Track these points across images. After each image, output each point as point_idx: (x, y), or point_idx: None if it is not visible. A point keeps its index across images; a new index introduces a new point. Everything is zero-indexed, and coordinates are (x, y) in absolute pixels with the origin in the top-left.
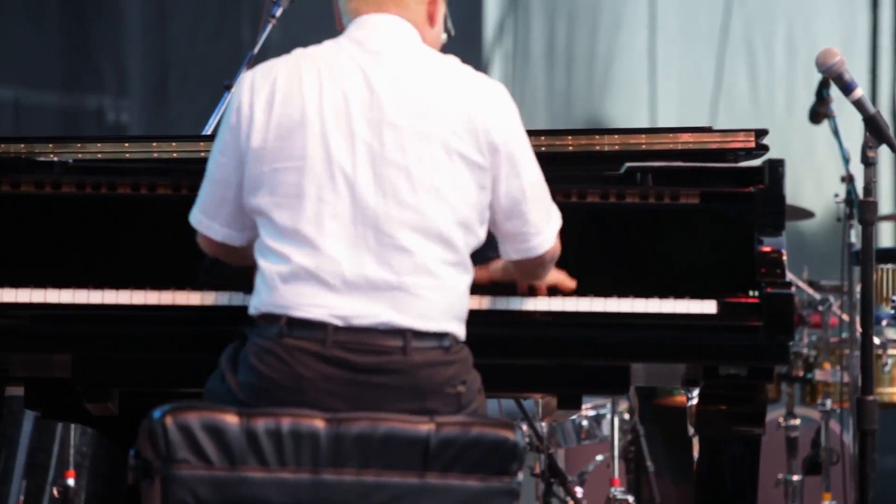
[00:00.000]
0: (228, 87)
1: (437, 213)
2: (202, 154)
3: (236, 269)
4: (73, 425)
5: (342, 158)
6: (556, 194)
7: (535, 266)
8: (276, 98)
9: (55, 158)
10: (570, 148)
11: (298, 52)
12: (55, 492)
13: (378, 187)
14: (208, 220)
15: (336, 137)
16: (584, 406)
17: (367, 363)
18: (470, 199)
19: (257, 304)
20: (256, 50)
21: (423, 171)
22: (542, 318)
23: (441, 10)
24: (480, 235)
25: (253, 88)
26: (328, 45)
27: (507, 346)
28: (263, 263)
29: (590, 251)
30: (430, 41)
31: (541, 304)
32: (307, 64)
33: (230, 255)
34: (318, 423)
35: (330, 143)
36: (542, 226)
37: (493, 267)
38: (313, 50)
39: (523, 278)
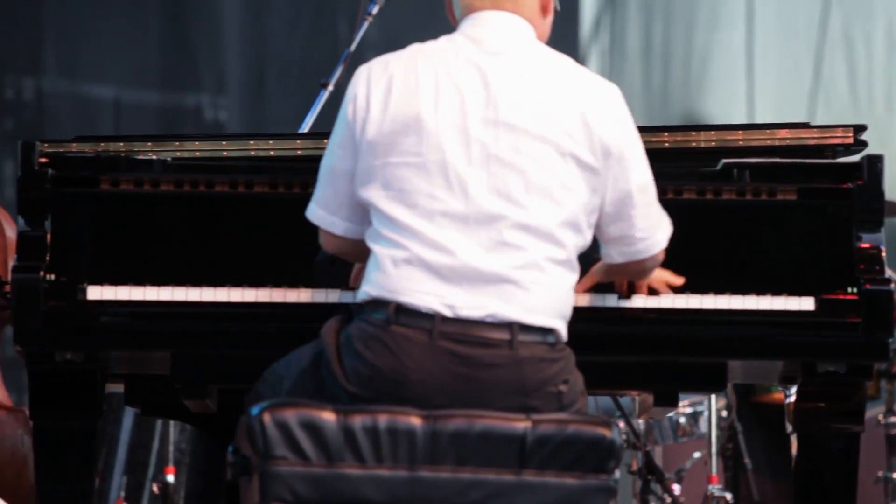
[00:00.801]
0: (325, 85)
1: (547, 214)
2: (298, 152)
3: (343, 266)
4: (172, 422)
5: (456, 157)
6: None
7: (635, 271)
8: (392, 93)
9: (154, 157)
10: (667, 144)
11: (415, 48)
12: (155, 488)
13: (491, 187)
14: (329, 215)
15: (451, 136)
16: (681, 403)
17: (473, 355)
18: (581, 200)
19: (367, 288)
20: (353, 48)
21: (537, 171)
22: (639, 316)
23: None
24: (588, 236)
25: (370, 81)
26: (444, 42)
27: (604, 343)
28: (376, 247)
29: (686, 248)
30: (542, 32)
31: (638, 301)
32: (424, 60)
33: (351, 249)
34: (415, 421)
35: (444, 141)
36: (650, 230)
37: (596, 270)
38: (430, 46)
39: (624, 277)
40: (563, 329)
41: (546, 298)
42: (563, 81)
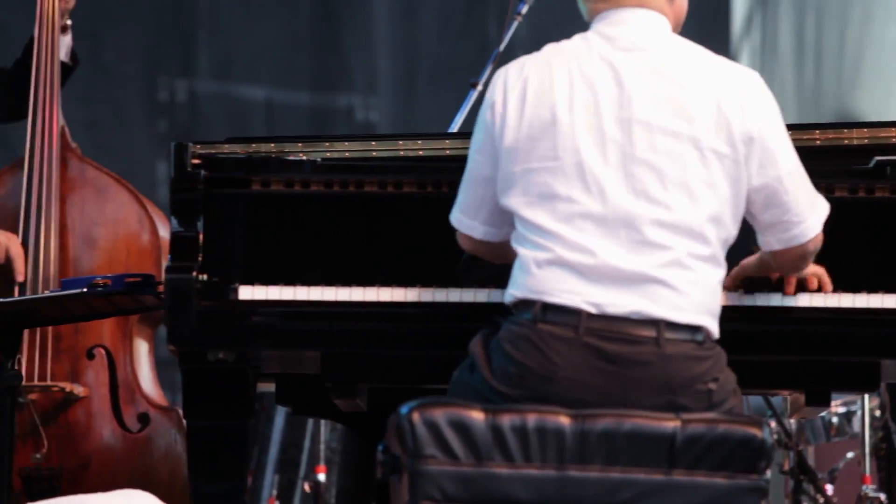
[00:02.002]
0: (474, 85)
1: (688, 210)
2: (447, 152)
3: (486, 266)
4: (323, 421)
5: (592, 159)
6: None
7: (796, 257)
8: (527, 97)
9: (304, 157)
10: (819, 142)
11: (549, 49)
12: (306, 486)
13: (629, 187)
14: (469, 219)
15: (586, 138)
16: (833, 403)
17: (620, 352)
18: (722, 193)
19: (513, 290)
20: (502, 47)
21: (674, 168)
22: (790, 315)
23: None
24: (732, 230)
25: (506, 86)
26: (577, 41)
27: (756, 342)
28: (521, 250)
29: (838, 246)
30: (677, 13)
31: (788, 300)
32: (558, 61)
33: (491, 252)
34: (564, 420)
35: (580, 143)
36: (805, 214)
37: (747, 263)
38: (563, 46)
39: (782, 270)
40: (712, 326)
41: (693, 296)
42: (698, 73)
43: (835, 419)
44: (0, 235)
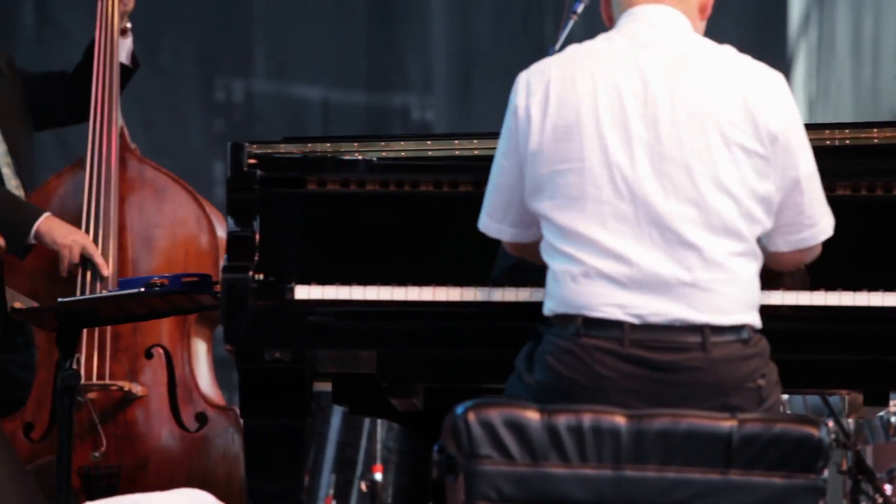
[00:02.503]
0: None
1: (720, 206)
2: None
3: (536, 266)
4: (379, 420)
5: (620, 158)
6: (859, 188)
7: (796, 261)
8: (550, 99)
9: (360, 157)
10: (876, 141)
11: (572, 49)
12: (363, 486)
13: (658, 184)
14: (496, 223)
15: (612, 137)
16: (892, 402)
17: (667, 361)
18: (750, 188)
19: (551, 305)
20: (558, 46)
21: (703, 164)
22: (848, 314)
23: (711, 2)
24: (766, 224)
25: (529, 90)
26: (601, 41)
27: (813, 341)
28: (551, 263)
29: (894, 245)
30: (697, 32)
31: (845, 298)
32: (581, 62)
33: (526, 252)
34: (619, 420)
35: (607, 143)
36: (817, 217)
37: None
38: (587, 46)
39: (780, 269)
40: (754, 320)
41: (733, 296)
42: (723, 71)
43: (893, 419)
44: (75, 235)
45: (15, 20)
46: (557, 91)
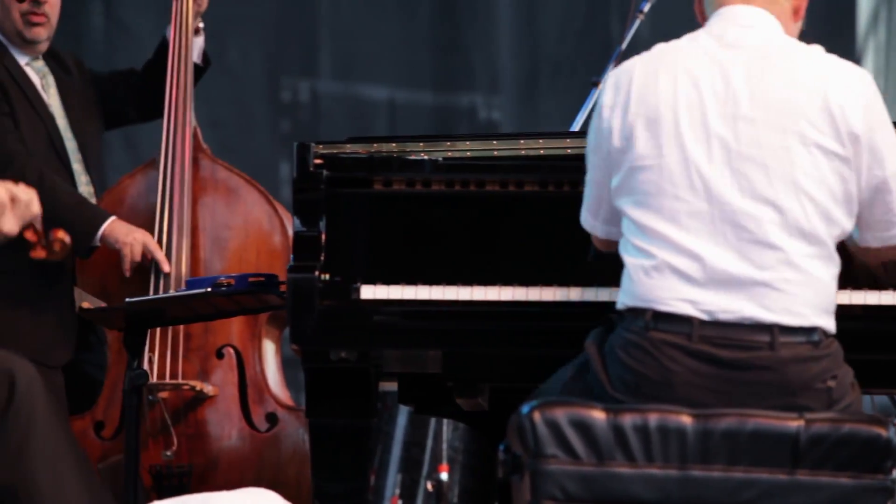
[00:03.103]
0: (595, 84)
1: (796, 207)
2: (568, 150)
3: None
4: (445, 420)
5: (697, 156)
6: None
7: (886, 257)
8: (632, 96)
9: (426, 157)
10: None
11: (658, 49)
12: (429, 485)
13: (735, 184)
14: (592, 219)
15: (690, 135)
16: None
17: (734, 358)
18: (829, 190)
19: (623, 298)
20: (624, 46)
21: (780, 164)
22: None
23: (805, 3)
24: (847, 226)
25: (615, 87)
26: (686, 40)
27: (881, 341)
28: (627, 258)
29: None
30: (790, 34)
31: None
32: (664, 60)
33: (613, 250)
34: (685, 419)
35: (685, 140)
36: None
37: None
38: (672, 45)
39: (864, 265)
40: (828, 324)
41: (806, 298)
42: (807, 71)
43: None
44: (137, 233)
45: (84, 22)
46: (640, 88)
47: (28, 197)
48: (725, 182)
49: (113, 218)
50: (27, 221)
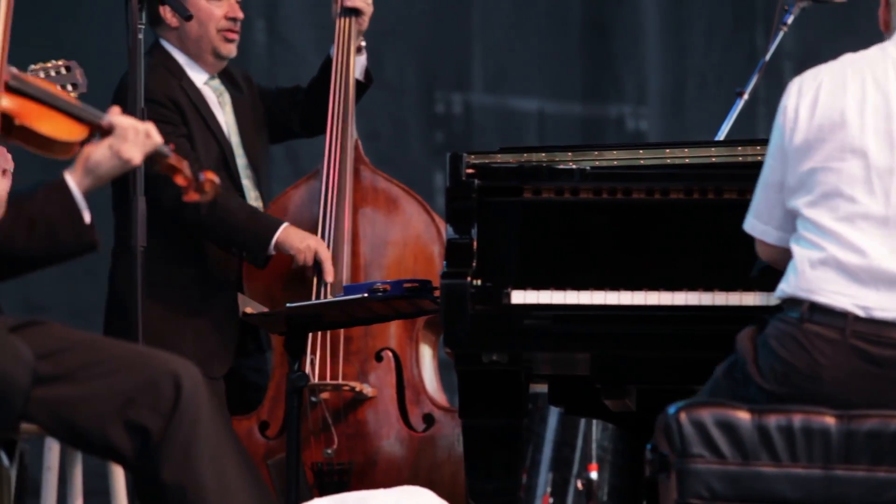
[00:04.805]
0: (740, 94)
1: None
2: (713, 159)
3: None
4: (594, 420)
5: (879, 161)
6: None
7: None
8: (819, 101)
9: (574, 166)
10: None
11: (845, 57)
12: (579, 484)
13: None
14: (762, 224)
15: (874, 141)
16: None
17: (886, 357)
18: None
19: (784, 287)
20: (768, 57)
21: None
22: None
23: None
24: None
25: (800, 92)
26: (874, 50)
27: None
28: (795, 248)
29: None
30: None
31: None
32: (852, 68)
33: (783, 258)
34: (829, 420)
35: (868, 145)
36: None
37: None
38: (860, 55)
39: None
40: None
41: None
42: None
43: None
44: (311, 240)
45: (247, 38)
46: (827, 93)
47: (145, 126)
48: None
49: (286, 224)
50: (150, 151)
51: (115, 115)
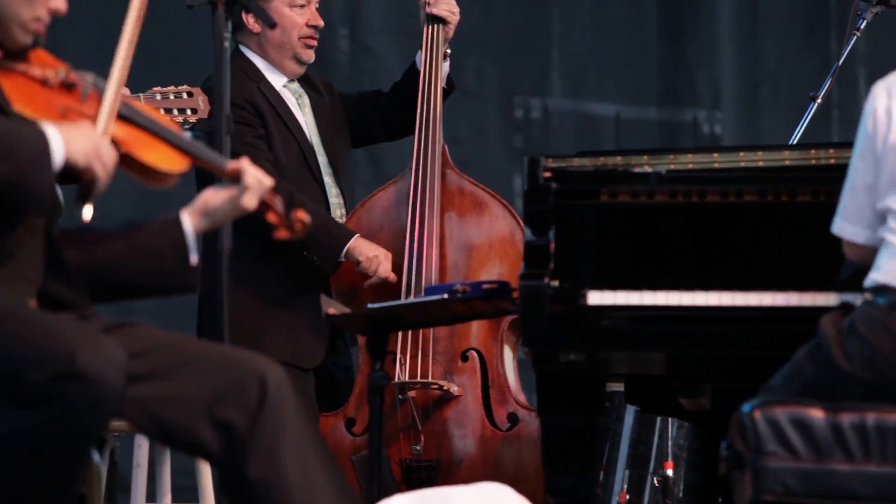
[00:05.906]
0: (814, 99)
1: None
2: (786, 162)
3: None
4: (670, 419)
5: None
6: None
7: None
8: None
9: (649, 170)
10: None
11: None
12: (655, 481)
13: None
14: (851, 225)
15: None
16: None
17: None
18: None
19: (875, 273)
20: (841, 62)
21: None
22: None
23: None
24: None
25: (889, 93)
26: None
27: None
28: (889, 237)
29: None
30: None
31: None
32: None
33: (873, 257)
34: None
35: None
36: None
37: None
38: None
39: None
40: None
41: None
42: None
43: None
44: (380, 252)
45: (330, 45)
46: None
47: (257, 173)
48: None
49: (357, 235)
50: (261, 196)
51: (245, 165)
